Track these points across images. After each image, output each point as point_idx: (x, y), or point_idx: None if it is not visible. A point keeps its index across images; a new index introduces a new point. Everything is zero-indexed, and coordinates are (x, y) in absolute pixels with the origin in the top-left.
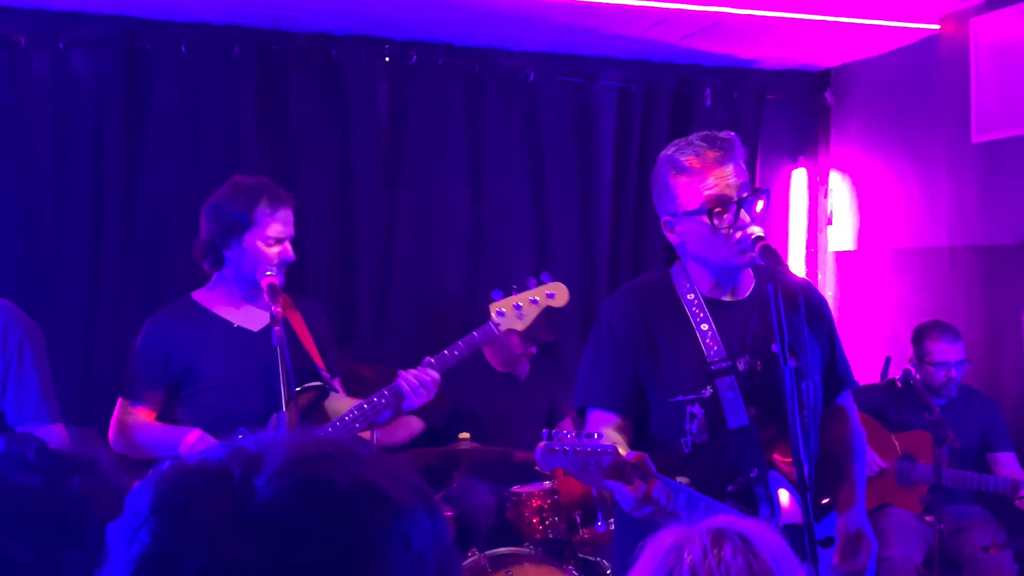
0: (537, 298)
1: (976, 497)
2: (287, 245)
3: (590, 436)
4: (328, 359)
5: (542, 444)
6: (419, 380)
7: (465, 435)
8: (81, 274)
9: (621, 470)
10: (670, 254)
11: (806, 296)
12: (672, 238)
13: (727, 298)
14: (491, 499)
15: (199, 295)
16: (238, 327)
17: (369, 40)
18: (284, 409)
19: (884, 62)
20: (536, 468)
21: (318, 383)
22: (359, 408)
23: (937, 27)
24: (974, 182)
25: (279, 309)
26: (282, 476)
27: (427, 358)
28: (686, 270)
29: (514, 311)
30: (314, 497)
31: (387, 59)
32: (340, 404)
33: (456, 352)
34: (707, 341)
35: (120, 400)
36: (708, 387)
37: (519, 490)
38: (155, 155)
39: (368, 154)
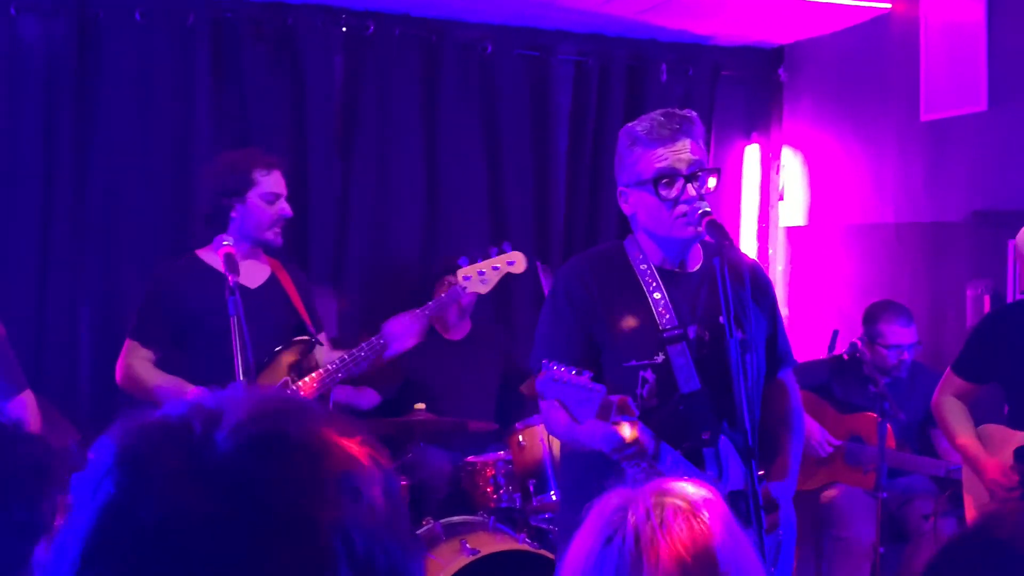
0: (499, 265)
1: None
2: (284, 202)
3: (580, 372)
4: (314, 316)
5: (543, 372)
6: (403, 326)
7: (420, 406)
8: (32, 243)
9: (608, 409)
10: (624, 227)
11: (753, 273)
12: (625, 208)
13: (677, 270)
14: (446, 469)
15: (203, 253)
16: (238, 283)
17: (325, 9)
18: (241, 378)
19: (837, 40)
20: (532, 392)
21: (306, 336)
22: (340, 359)
23: (888, 7)
24: (921, 160)
25: (235, 278)
26: (240, 430)
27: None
28: (638, 242)
29: (478, 276)
30: (271, 450)
31: (343, 29)
32: (326, 355)
33: (427, 312)
34: (659, 309)
35: (128, 340)
36: (660, 353)
37: (473, 460)
38: (107, 123)
39: (323, 124)
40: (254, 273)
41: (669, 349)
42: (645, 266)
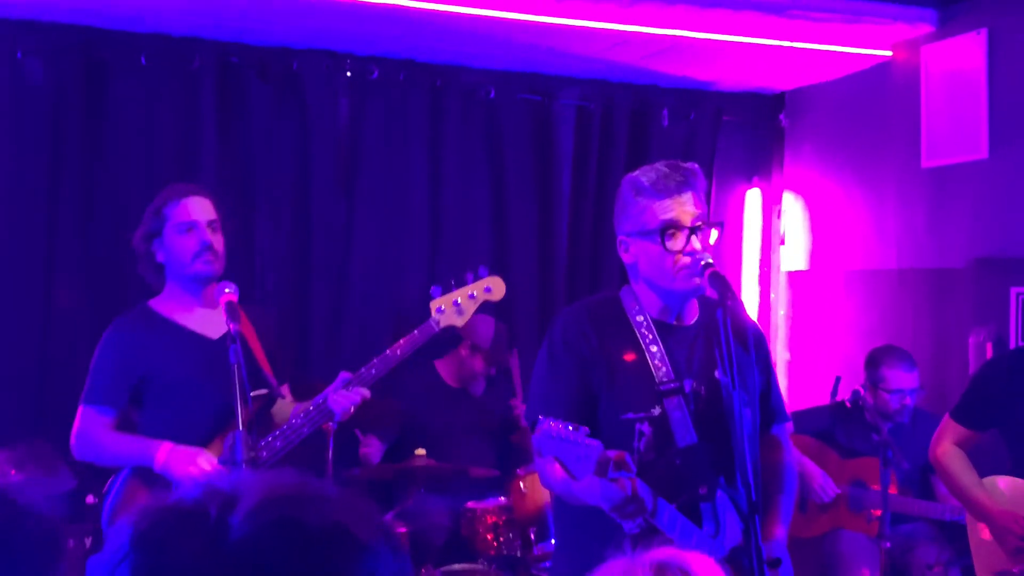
0: (475, 292)
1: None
2: (203, 230)
3: (577, 428)
4: (277, 365)
5: (540, 428)
6: (350, 402)
7: (421, 451)
8: (37, 284)
9: (605, 465)
10: (625, 272)
11: (750, 329)
12: (626, 258)
13: (674, 322)
14: (446, 516)
15: (155, 303)
16: (195, 333)
17: (330, 54)
18: (241, 428)
19: (837, 87)
20: (521, 441)
21: (264, 391)
22: (292, 420)
23: (889, 54)
24: (923, 206)
25: (236, 326)
26: (256, 515)
27: (370, 364)
28: (635, 293)
29: (453, 307)
30: (286, 536)
31: (348, 73)
32: (286, 410)
33: (399, 352)
34: (656, 362)
35: (81, 407)
36: (657, 406)
37: (474, 506)
38: (113, 166)
39: (327, 167)
40: (213, 322)
41: (666, 402)
42: (642, 318)
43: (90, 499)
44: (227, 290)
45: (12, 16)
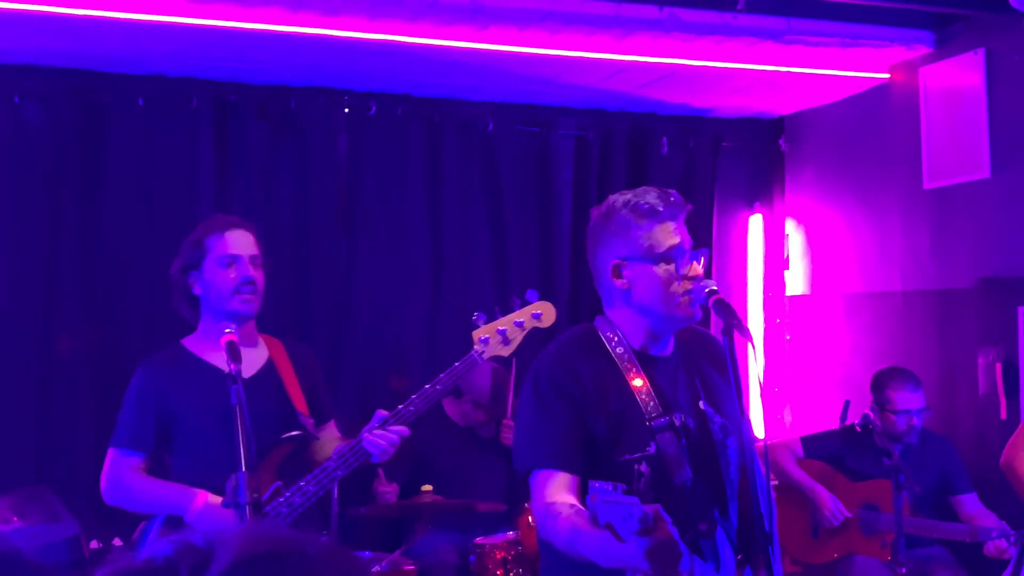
0: (522, 319)
1: (938, 539)
2: (245, 265)
3: (616, 487)
4: (317, 403)
5: (594, 497)
6: (388, 442)
7: (427, 487)
8: (37, 327)
9: (647, 522)
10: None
11: (727, 354)
12: (618, 283)
13: (655, 354)
14: (454, 552)
15: (188, 341)
16: (225, 373)
17: (328, 91)
18: (243, 469)
19: (836, 110)
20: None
21: (297, 432)
22: (327, 463)
23: (887, 76)
24: (926, 227)
25: (237, 367)
26: None
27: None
28: (613, 322)
29: (498, 336)
30: None
31: (346, 110)
32: (328, 448)
33: (439, 386)
34: (643, 397)
35: (111, 450)
36: (652, 443)
37: (483, 541)
38: (112, 208)
39: (327, 204)
40: (248, 360)
41: (659, 438)
42: (621, 349)
43: (94, 544)
44: (227, 330)
45: (10, 61)
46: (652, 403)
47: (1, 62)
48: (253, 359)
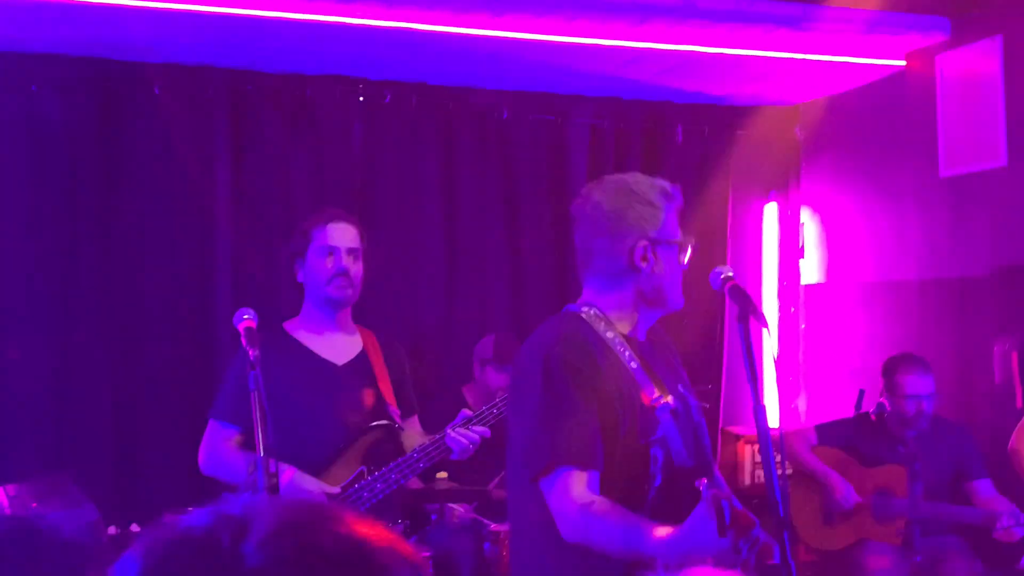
0: None
1: (953, 527)
2: (342, 256)
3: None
4: (404, 397)
5: (721, 501)
6: (470, 440)
7: (442, 474)
8: (56, 315)
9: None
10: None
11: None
12: (643, 266)
13: (639, 338)
14: (469, 539)
15: (289, 325)
16: (323, 359)
17: (343, 80)
18: (261, 454)
19: (852, 98)
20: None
21: (385, 421)
22: (411, 453)
23: (903, 63)
24: (943, 216)
25: (256, 352)
26: (271, 543)
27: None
28: (596, 306)
29: None
30: (305, 564)
31: (361, 99)
32: (413, 441)
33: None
34: (643, 381)
35: (211, 421)
36: (659, 427)
37: (498, 528)
38: (129, 196)
39: (343, 191)
40: (343, 347)
41: (663, 422)
42: (611, 334)
43: (112, 530)
44: (245, 316)
45: (27, 50)
46: (650, 387)
47: (19, 51)
48: (348, 347)
